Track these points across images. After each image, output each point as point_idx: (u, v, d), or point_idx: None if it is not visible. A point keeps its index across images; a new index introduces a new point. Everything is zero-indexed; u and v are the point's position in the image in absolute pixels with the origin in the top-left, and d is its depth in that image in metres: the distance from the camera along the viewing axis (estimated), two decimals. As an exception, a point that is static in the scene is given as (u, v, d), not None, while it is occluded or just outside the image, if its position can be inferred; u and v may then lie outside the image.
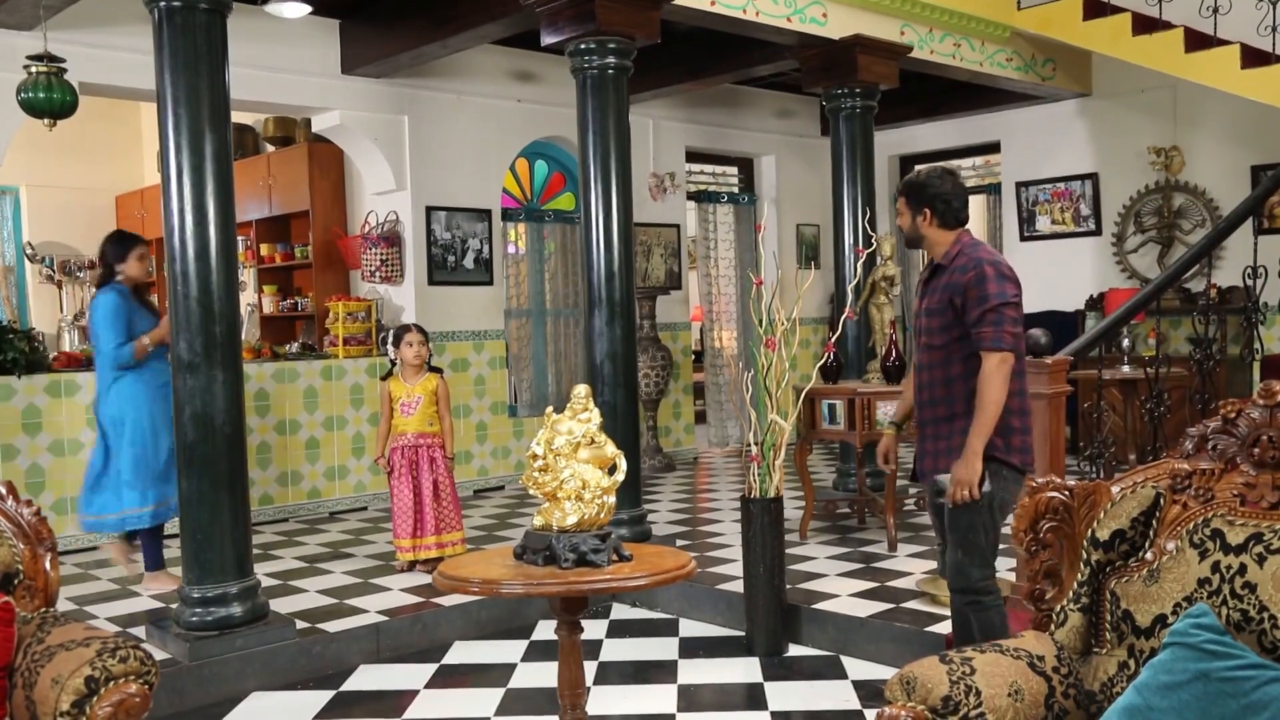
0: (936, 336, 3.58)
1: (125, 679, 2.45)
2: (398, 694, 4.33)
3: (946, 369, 3.57)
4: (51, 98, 5.67)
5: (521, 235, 9.05)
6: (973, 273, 3.48)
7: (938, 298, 3.57)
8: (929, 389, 3.63)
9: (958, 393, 3.54)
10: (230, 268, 4.49)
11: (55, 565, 2.81)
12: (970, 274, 3.48)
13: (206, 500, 4.43)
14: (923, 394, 3.65)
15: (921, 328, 3.65)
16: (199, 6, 4.35)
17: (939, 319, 3.57)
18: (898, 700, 2.15)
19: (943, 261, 3.60)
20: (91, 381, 6.62)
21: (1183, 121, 8.72)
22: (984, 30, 7.83)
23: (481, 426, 8.42)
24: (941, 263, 3.60)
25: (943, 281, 3.57)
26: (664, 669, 4.57)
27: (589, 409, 2.90)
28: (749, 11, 6.47)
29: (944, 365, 3.58)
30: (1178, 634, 2.03)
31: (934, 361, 3.61)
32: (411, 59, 7.41)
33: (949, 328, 3.54)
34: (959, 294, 3.49)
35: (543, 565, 2.82)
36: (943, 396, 3.58)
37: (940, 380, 3.58)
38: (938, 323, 3.57)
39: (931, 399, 3.62)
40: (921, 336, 3.65)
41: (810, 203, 10.60)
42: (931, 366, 3.62)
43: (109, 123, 10.54)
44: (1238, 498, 2.17)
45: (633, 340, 6.03)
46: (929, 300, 3.62)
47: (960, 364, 3.54)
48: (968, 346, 3.51)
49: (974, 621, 3.48)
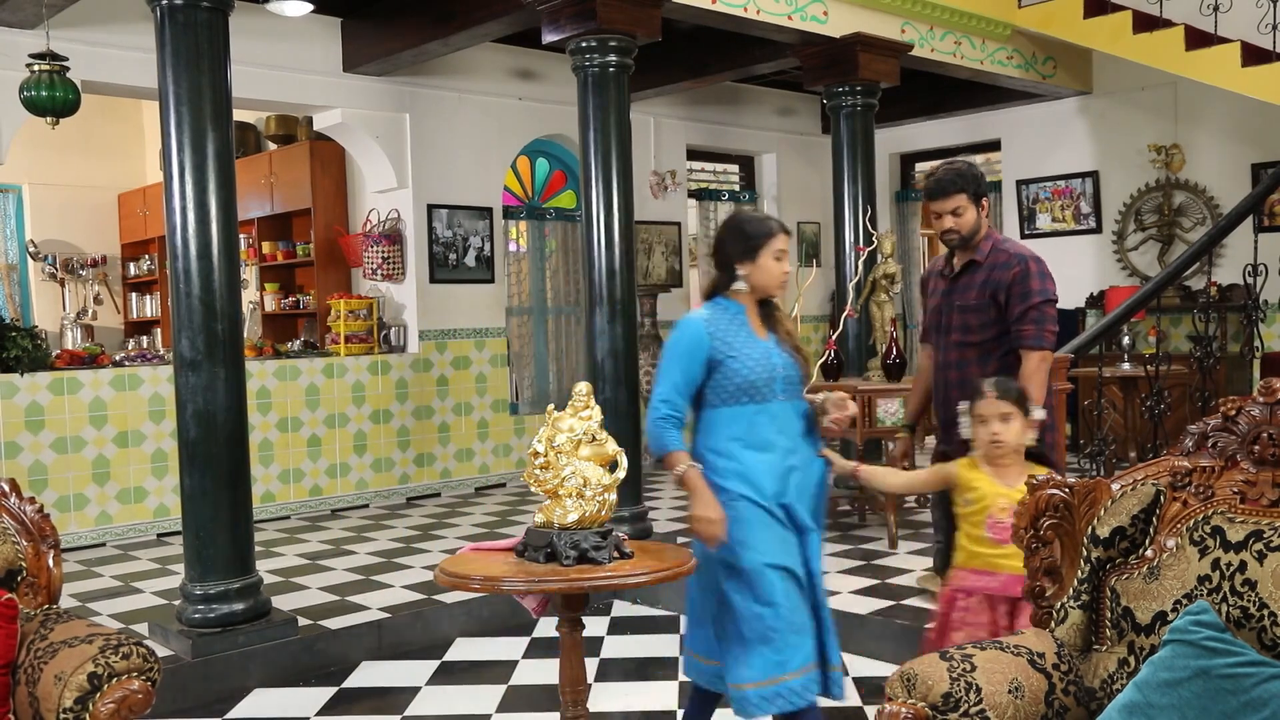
0: (974, 334, 3.55)
1: (128, 675, 2.45)
2: (399, 691, 4.34)
3: (983, 366, 3.54)
4: (54, 96, 5.68)
5: (523, 233, 9.06)
6: (1018, 268, 3.50)
7: (975, 294, 3.55)
8: (960, 387, 3.54)
9: None
10: (232, 266, 4.49)
11: (58, 562, 2.81)
12: (1015, 269, 3.49)
13: (209, 497, 4.44)
14: (952, 392, 3.59)
15: (954, 325, 3.60)
16: (201, 5, 4.35)
17: (978, 316, 3.54)
18: (898, 697, 2.15)
19: (977, 257, 3.58)
20: (95, 379, 6.66)
21: (1183, 119, 8.71)
22: (985, 28, 7.83)
23: (483, 424, 8.43)
24: (976, 258, 3.58)
25: (980, 278, 3.55)
26: (665, 666, 4.57)
27: (590, 406, 2.90)
28: (750, 9, 6.47)
29: (980, 362, 3.55)
30: (1178, 631, 2.03)
31: (968, 359, 3.57)
32: (413, 57, 7.42)
33: (989, 325, 3.53)
34: (1002, 290, 3.49)
35: (544, 562, 2.83)
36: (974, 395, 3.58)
37: (975, 377, 3.56)
38: (976, 320, 3.54)
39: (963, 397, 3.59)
40: (953, 334, 3.60)
41: (811, 201, 10.60)
42: (964, 364, 3.58)
43: (111, 121, 10.55)
44: (1238, 495, 2.17)
45: (634, 338, 6.04)
46: (964, 296, 3.58)
47: (997, 361, 3.54)
48: (1005, 343, 3.51)
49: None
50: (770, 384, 3.08)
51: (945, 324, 3.66)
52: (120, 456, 6.70)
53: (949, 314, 3.63)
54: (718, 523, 2.97)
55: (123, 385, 6.74)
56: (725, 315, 3.15)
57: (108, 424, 6.66)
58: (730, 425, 3.08)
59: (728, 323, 3.13)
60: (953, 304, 3.61)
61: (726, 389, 3.08)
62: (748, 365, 3.08)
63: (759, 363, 3.09)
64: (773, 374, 3.09)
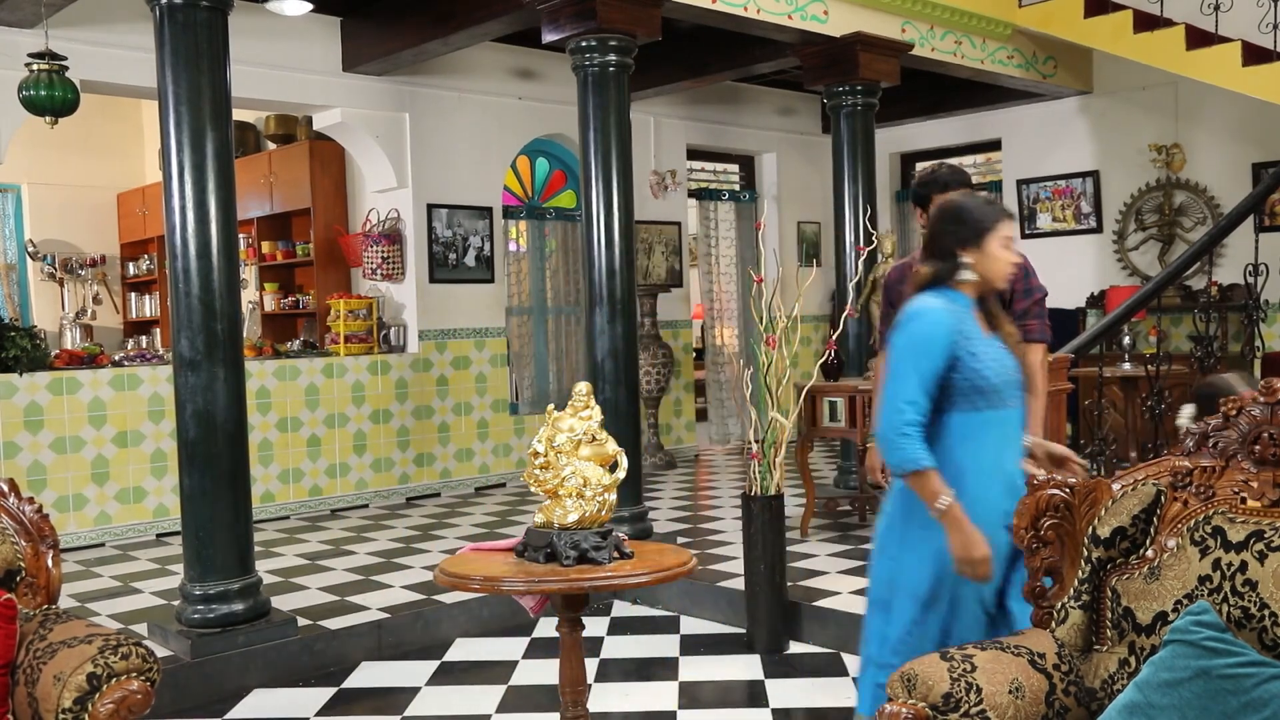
0: None
1: (127, 676, 2.45)
2: (399, 691, 4.33)
3: None
4: (53, 95, 5.68)
5: (523, 233, 9.05)
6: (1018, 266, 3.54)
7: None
8: None
9: None
10: (232, 265, 4.49)
11: (57, 562, 2.81)
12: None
13: (208, 497, 4.44)
14: None
15: None
16: (200, 4, 4.34)
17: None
18: (899, 697, 2.15)
19: None
20: (94, 378, 6.65)
21: (1184, 119, 8.71)
22: (985, 28, 7.83)
23: (483, 424, 8.43)
24: None
25: None
26: (665, 666, 4.57)
27: (590, 406, 2.90)
28: (750, 9, 6.47)
29: None
30: (1178, 631, 2.03)
31: None
32: (413, 56, 7.41)
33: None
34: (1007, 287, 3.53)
35: (544, 562, 2.83)
36: None
37: None
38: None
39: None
40: None
41: (811, 200, 10.60)
42: None
43: (110, 120, 10.54)
44: (1239, 495, 2.17)
45: (634, 338, 6.03)
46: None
47: None
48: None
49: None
50: (1005, 388, 2.82)
51: None
52: (119, 456, 6.70)
53: None
54: (988, 560, 2.68)
55: (122, 385, 6.74)
56: (956, 307, 2.84)
57: (107, 424, 6.66)
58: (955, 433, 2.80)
59: (962, 315, 2.84)
60: None
61: (962, 390, 2.78)
62: (988, 365, 2.80)
63: (998, 362, 2.82)
64: (1007, 376, 2.83)
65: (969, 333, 2.81)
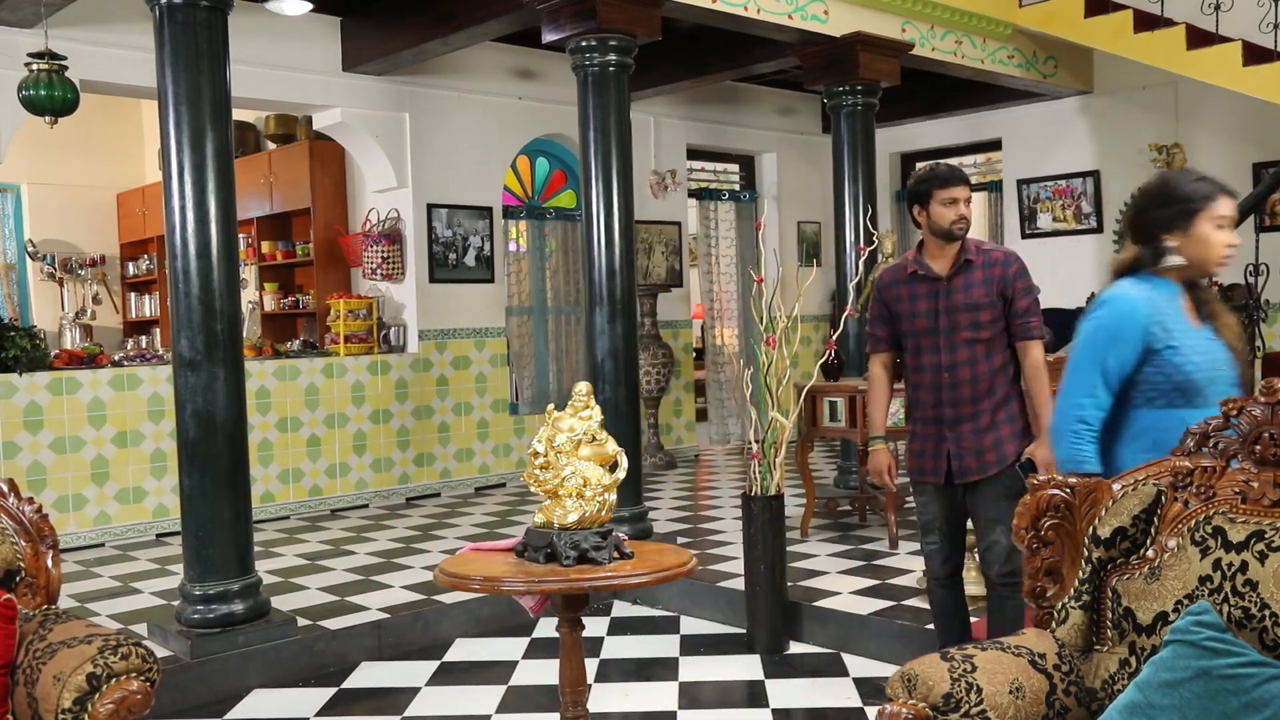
0: (985, 330, 3.59)
1: (127, 676, 2.45)
2: (399, 691, 4.33)
3: (990, 360, 3.60)
4: (53, 95, 5.68)
5: (523, 233, 9.05)
6: (1016, 264, 3.60)
7: (981, 290, 3.58)
8: (972, 384, 3.59)
9: (1001, 382, 3.61)
10: (231, 265, 4.49)
11: (57, 563, 2.81)
12: (1014, 265, 3.59)
13: (208, 497, 4.44)
14: (962, 390, 3.60)
15: (961, 324, 3.60)
16: (200, 4, 4.34)
17: (989, 311, 3.58)
18: (899, 697, 2.15)
19: (970, 256, 3.61)
20: (94, 378, 6.65)
21: (1184, 119, 8.71)
22: (985, 27, 7.83)
23: (483, 424, 8.43)
24: (969, 258, 3.61)
25: (980, 275, 3.58)
26: (665, 666, 4.57)
27: (590, 406, 2.90)
28: (750, 9, 6.46)
29: (988, 358, 3.61)
30: (1179, 631, 2.03)
31: (977, 355, 3.60)
32: (413, 56, 7.41)
33: (997, 319, 3.59)
34: (1008, 285, 3.57)
35: (544, 562, 2.82)
36: (987, 389, 3.59)
37: (986, 373, 3.59)
38: (987, 315, 3.58)
39: (974, 394, 3.59)
40: (963, 333, 3.60)
41: (811, 200, 10.60)
42: (975, 361, 3.61)
43: (110, 120, 10.54)
44: (1239, 495, 2.17)
45: (634, 338, 6.03)
46: (970, 295, 3.59)
47: (1001, 354, 3.62)
48: (1005, 337, 3.60)
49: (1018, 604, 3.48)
50: (1212, 384, 2.57)
51: (944, 325, 3.65)
52: (119, 456, 6.70)
53: (950, 315, 3.63)
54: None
55: (122, 385, 6.74)
56: (1157, 295, 2.61)
57: (106, 424, 6.66)
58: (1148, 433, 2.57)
59: (1163, 303, 2.60)
60: (955, 304, 3.61)
61: (1158, 386, 2.56)
62: (1191, 359, 2.56)
63: (1204, 356, 2.58)
64: (1216, 372, 2.58)
65: (1170, 324, 2.60)
